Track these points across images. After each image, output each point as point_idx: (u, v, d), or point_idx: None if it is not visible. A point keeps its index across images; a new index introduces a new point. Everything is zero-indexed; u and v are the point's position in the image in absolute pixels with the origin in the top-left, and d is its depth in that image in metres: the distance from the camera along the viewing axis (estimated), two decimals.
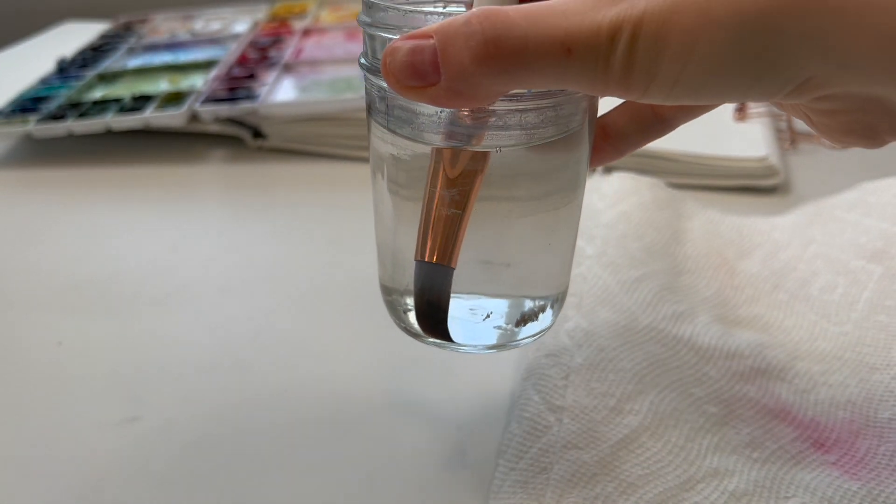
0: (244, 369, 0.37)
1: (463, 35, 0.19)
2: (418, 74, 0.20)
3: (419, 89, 0.20)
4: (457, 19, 0.20)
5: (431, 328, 0.27)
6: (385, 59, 0.21)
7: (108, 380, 0.37)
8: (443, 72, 0.20)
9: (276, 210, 0.52)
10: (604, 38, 0.19)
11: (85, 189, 0.56)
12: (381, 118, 0.26)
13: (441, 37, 0.20)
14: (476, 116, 0.24)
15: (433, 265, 0.26)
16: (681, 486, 0.29)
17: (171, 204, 0.54)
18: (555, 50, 0.19)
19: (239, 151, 0.60)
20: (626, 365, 0.34)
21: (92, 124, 0.59)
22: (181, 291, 0.44)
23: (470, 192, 0.25)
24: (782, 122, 0.59)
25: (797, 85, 0.19)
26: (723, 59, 0.19)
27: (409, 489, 0.31)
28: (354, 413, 0.35)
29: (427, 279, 0.26)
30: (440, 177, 0.25)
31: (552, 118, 0.25)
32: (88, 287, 0.44)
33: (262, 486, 0.31)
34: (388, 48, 0.21)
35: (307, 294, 0.43)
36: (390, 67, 0.21)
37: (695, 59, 0.19)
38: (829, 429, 0.32)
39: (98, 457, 0.33)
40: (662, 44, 0.19)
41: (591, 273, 0.39)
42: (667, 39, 0.19)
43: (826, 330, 0.37)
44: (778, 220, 0.46)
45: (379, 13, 0.23)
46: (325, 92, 0.61)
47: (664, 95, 0.20)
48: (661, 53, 0.19)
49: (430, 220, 0.25)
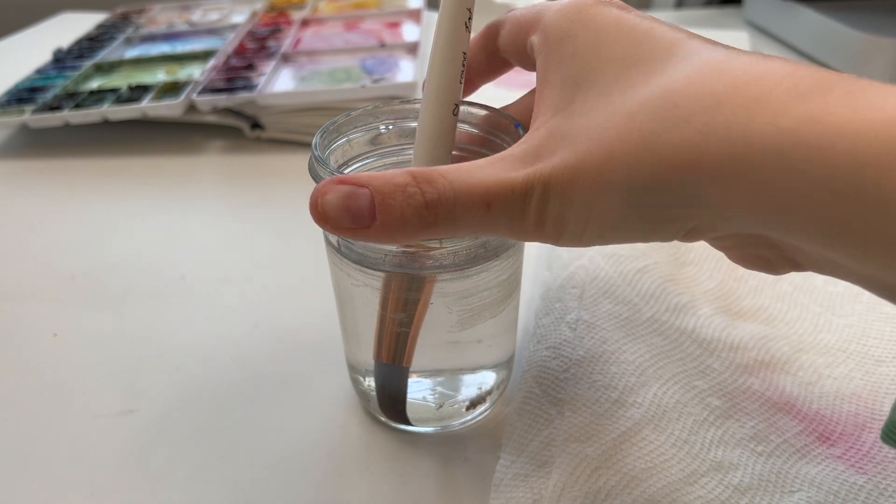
0: (242, 361, 0.37)
1: (402, 194, 0.22)
2: (353, 218, 0.22)
3: (352, 230, 0.23)
4: (395, 175, 0.22)
5: (393, 416, 0.32)
6: (316, 200, 0.23)
7: (104, 372, 0.37)
8: (379, 219, 0.22)
9: (274, 201, 0.52)
10: (518, 195, 0.22)
11: (81, 180, 0.55)
12: (334, 248, 0.29)
13: (379, 191, 0.22)
14: (415, 258, 0.27)
15: (390, 365, 0.29)
16: (684, 479, 0.29)
17: (168, 195, 0.53)
18: (478, 206, 0.22)
19: (236, 142, 0.60)
20: (629, 357, 0.34)
21: (88, 114, 0.58)
22: (178, 283, 0.43)
23: (415, 314, 0.28)
24: None
25: (686, 232, 0.22)
26: (618, 214, 0.21)
27: (409, 482, 0.31)
28: (354, 405, 0.34)
29: (386, 377, 0.30)
30: (389, 303, 0.28)
31: (482, 253, 0.28)
32: (84, 278, 0.44)
33: (261, 478, 0.31)
34: (318, 189, 0.23)
35: (306, 285, 0.42)
36: (322, 208, 0.23)
37: (596, 214, 0.22)
38: (835, 422, 0.32)
39: (94, 449, 0.33)
40: (568, 201, 0.22)
41: (593, 264, 0.38)
42: (571, 197, 0.22)
43: (830, 322, 0.37)
44: None
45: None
46: (323, 82, 0.60)
47: (575, 242, 0.23)
48: (568, 209, 0.22)
49: (382, 334, 0.29)
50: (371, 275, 0.28)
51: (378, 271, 0.28)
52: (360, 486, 0.30)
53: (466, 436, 0.33)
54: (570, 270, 0.38)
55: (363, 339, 0.31)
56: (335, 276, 0.31)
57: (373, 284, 0.28)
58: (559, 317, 0.36)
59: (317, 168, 0.27)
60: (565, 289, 0.38)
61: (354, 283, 0.29)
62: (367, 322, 0.30)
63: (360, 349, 0.32)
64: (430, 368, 0.31)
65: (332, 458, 0.32)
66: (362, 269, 0.28)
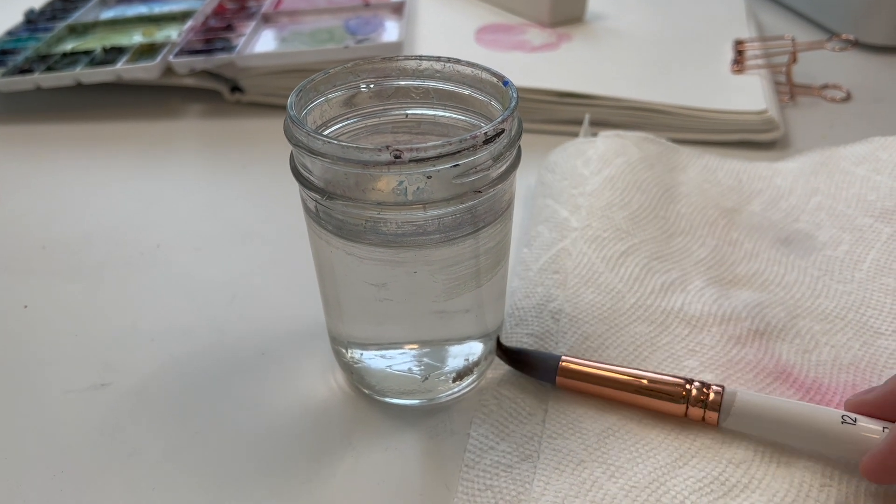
0: (220, 334, 0.36)
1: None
2: None
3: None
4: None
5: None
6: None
7: (75, 344, 0.35)
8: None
9: (254, 168, 0.50)
10: None
11: (54, 145, 0.53)
12: (312, 215, 0.28)
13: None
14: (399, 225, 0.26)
15: None
16: (672, 463, 0.28)
17: (145, 161, 0.51)
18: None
19: (216, 106, 0.58)
20: (612, 353, 0.32)
21: (60, 77, 0.56)
22: (154, 252, 0.42)
23: None
24: (781, 75, 0.57)
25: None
26: None
27: (392, 456, 0.29)
28: (337, 378, 0.33)
29: None
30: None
31: (468, 219, 0.27)
32: (56, 247, 0.42)
33: (239, 455, 0.30)
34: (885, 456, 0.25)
35: (286, 255, 0.41)
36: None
37: None
38: (832, 391, 0.31)
39: (64, 426, 0.31)
40: None
41: (576, 249, 0.37)
42: None
43: (829, 287, 0.36)
44: (781, 165, 0.44)
45: (319, 143, 0.25)
46: (305, 43, 0.58)
47: None
48: None
49: None
50: (351, 243, 0.27)
51: (357, 242, 0.27)
52: (343, 461, 0.29)
53: (453, 408, 0.31)
54: (552, 253, 0.37)
55: (345, 310, 0.30)
56: (314, 245, 0.29)
57: (354, 252, 0.27)
58: (541, 303, 0.34)
59: (293, 129, 0.26)
60: (546, 273, 0.36)
61: (334, 250, 0.27)
62: (348, 292, 0.29)
63: (342, 320, 0.30)
64: (415, 339, 0.30)
65: (314, 432, 0.31)
66: (342, 239, 0.27)
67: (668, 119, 0.51)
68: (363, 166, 0.24)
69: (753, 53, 0.57)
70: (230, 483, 0.29)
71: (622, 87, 0.52)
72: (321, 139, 0.25)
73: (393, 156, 0.24)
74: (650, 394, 0.29)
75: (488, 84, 0.29)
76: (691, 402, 0.29)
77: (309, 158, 0.26)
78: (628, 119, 0.51)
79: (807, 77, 0.58)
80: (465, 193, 0.26)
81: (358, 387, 0.32)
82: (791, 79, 0.57)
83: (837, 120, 0.54)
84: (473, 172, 0.25)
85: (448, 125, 0.30)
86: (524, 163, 0.28)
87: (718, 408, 0.28)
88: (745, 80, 0.55)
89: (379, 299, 0.28)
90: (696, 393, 0.29)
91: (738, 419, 0.28)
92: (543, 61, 0.58)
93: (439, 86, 0.30)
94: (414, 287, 0.28)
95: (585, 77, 0.54)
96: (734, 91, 0.53)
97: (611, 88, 0.52)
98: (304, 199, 0.28)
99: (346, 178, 0.25)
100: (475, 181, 0.26)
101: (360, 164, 0.24)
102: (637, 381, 0.30)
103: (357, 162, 0.24)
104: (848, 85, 0.58)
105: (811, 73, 0.59)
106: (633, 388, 0.30)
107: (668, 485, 0.27)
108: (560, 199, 0.40)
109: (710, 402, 0.29)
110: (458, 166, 0.25)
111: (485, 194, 0.26)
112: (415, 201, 0.25)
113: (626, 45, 0.60)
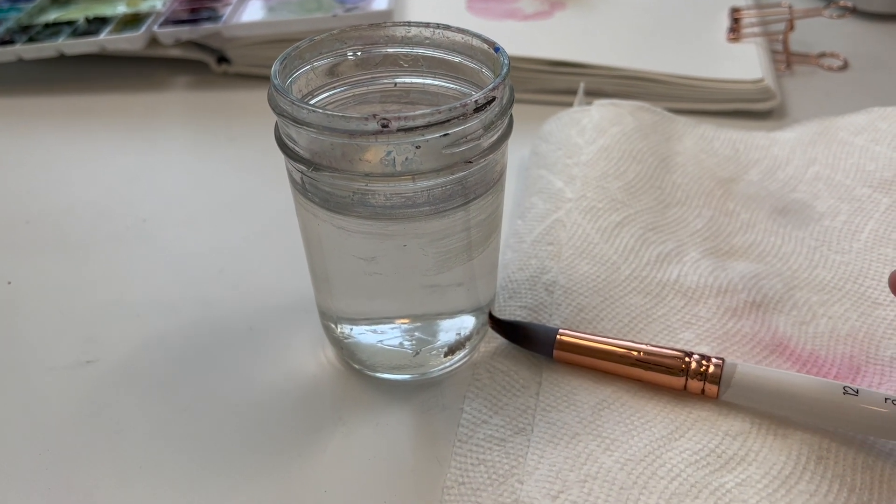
0: (207, 309, 0.35)
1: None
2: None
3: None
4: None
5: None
6: None
7: (60, 320, 0.35)
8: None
9: (242, 140, 0.49)
10: None
11: (37, 118, 0.52)
12: (298, 188, 0.27)
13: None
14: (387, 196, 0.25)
15: None
16: (668, 436, 0.27)
17: (130, 134, 0.50)
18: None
19: (202, 77, 0.57)
20: (607, 325, 0.32)
21: (43, 48, 0.55)
22: (141, 226, 0.41)
23: None
24: (777, 43, 0.56)
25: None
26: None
27: (383, 432, 0.29)
28: (327, 353, 0.32)
29: None
30: None
31: (459, 191, 0.26)
32: (41, 222, 0.42)
33: (227, 432, 0.29)
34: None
35: (275, 228, 0.40)
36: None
37: None
38: (829, 363, 0.30)
39: (49, 403, 0.31)
40: None
41: (570, 220, 0.36)
42: None
43: (826, 257, 0.35)
44: (778, 134, 0.44)
45: (304, 113, 0.24)
46: (293, 11, 0.57)
47: None
48: None
49: None
50: (339, 216, 0.26)
51: (345, 215, 0.26)
52: (333, 437, 0.29)
53: (444, 383, 0.31)
54: (547, 224, 0.36)
55: (334, 285, 0.29)
56: (301, 218, 0.28)
57: (342, 226, 0.26)
58: (535, 275, 0.34)
59: (277, 98, 0.25)
60: (540, 244, 0.35)
61: (322, 224, 0.27)
62: (336, 266, 0.28)
63: (331, 295, 0.30)
64: (406, 313, 0.30)
65: (303, 408, 0.30)
66: (330, 211, 0.26)
67: (664, 88, 0.50)
68: (349, 136, 0.23)
69: (749, 21, 0.56)
70: (218, 460, 0.28)
71: (617, 56, 0.51)
72: (306, 108, 0.24)
73: (380, 125, 0.23)
74: (649, 367, 0.29)
75: (479, 51, 0.28)
76: (691, 375, 0.28)
77: (294, 128, 0.25)
78: (623, 88, 0.50)
79: (804, 45, 0.58)
80: (456, 164, 0.25)
81: (348, 362, 0.32)
82: (788, 47, 0.56)
83: (835, 89, 0.53)
84: (464, 142, 0.25)
85: (438, 94, 0.29)
86: (517, 134, 0.28)
87: (718, 380, 0.28)
88: (741, 48, 0.54)
89: (368, 273, 0.27)
90: (695, 366, 0.28)
91: (739, 392, 0.28)
92: (536, 30, 0.57)
93: (429, 53, 0.29)
94: (404, 261, 0.27)
95: (579, 45, 0.53)
96: (730, 59, 0.52)
97: (605, 57, 0.51)
98: (290, 171, 0.27)
99: (333, 148, 0.24)
100: (465, 151, 0.25)
101: (347, 134, 0.23)
102: (637, 354, 0.29)
103: (343, 131, 0.23)
104: (845, 53, 0.57)
105: (808, 41, 0.58)
106: (632, 361, 0.29)
107: (664, 458, 0.27)
108: (554, 170, 0.39)
109: (709, 375, 0.28)
110: (448, 136, 0.24)
111: (475, 165, 0.25)
112: (403, 172, 0.24)
113: (621, 13, 0.59)
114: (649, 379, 0.29)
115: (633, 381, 0.29)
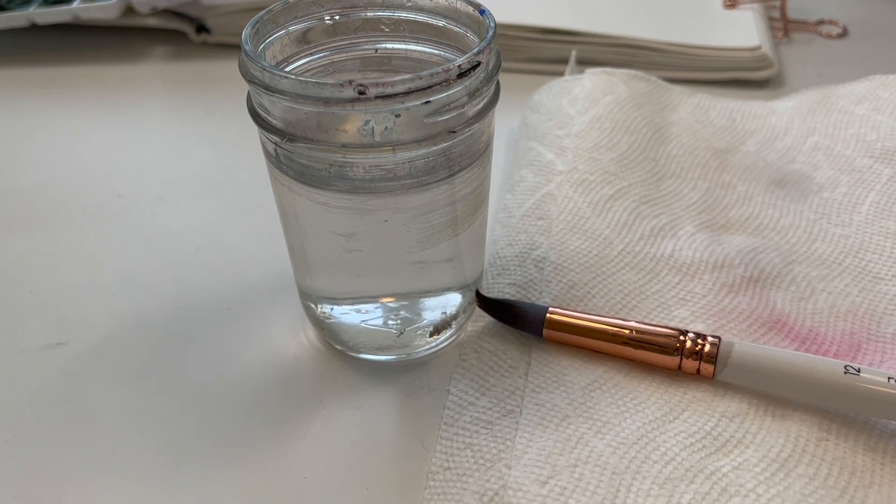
0: (183, 288, 0.34)
1: None
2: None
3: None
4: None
5: None
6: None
7: (29, 300, 0.34)
8: None
9: (221, 112, 0.47)
10: None
11: (8, 90, 0.51)
12: (273, 161, 0.26)
13: None
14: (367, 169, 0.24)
15: None
16: (662, 417, 0.26)
17: (106, 106, 0.49)
18: None
19: (181, 48, 0.55)
20: (599, 303, 0.31)
21: (13, 17, 0.53)
22: (115, 202, 0.39)
23: None
24: (775, 10, 0.55)
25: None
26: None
27: (366, 415, 0.28)
28: (307, 334, 0.31)
29: None
30: None
31: (442, 162, 0.25)
32: (11, 197, 0.40)
33: (204, 416, 0.28)
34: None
35: (253, 205, 0.38)
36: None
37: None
38: (829, 341, 0.29)
39: (17, 388, 0.30)
40: None
41: (561, 193, 0.35)
42: None
43: (826, 231, 0.34)
44: (776, 104, 0.42)
45: (276, 80, 0.23)
46: None
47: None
48: None
49: None
50: (316, 189, 0.25)
51: (322, 188, 0.24)
52: (314, 421, 0.28)
53: (430, 364, 0.30)
54: (537, 198, 0.35)
55: (312, 263, 0.28)
56: (277, 192, 0.27)
57: (319, 200, 0.25)
58: (524, 251, 0.33)
59: (248, 65, 0.24)
60: (530, 219, 0.34)
61: (298, 198, 0.25)
62: (314, 243, 0.27)
63: (310, 273, 0.28)
64: (388, 292, 0.28)
65: (283, 391, 0.29)
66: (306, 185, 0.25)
67: (658, 56, 0.49)
68: (324, 104, 0.22)
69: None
70: (193, 447, 0.27)
71: (609, 23, 0.50)
72: (278, 75, 0.22)
73: (357, 92, 0.22)
74: (643, 346, 0.28)
75: (464, 14, 0.26)
76: (685, 354, 0.27)
77: (266, 97, 0.23)
78: (616, 57, 0.49)
79: (802, 12, 0.56)
80: (439, 134, 0.23)
81: (330, 343, 0.31)
82: (785, 14, 0.54)
83: (833, 57, 0.52)
84: (447, 110, 0.23)
85: (421, 60, 0.28)
86: (506, 104, 0.26)
87: (714, 360, 0.27)
88: (737, 15, 0.52)
89: (348, 250, 0.26)
90: (690, 344, 0.27)
91: (735, 371, 0.27)
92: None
93: (411, 17, 0.28)
94: (385, 237, 0.26)
95: (571, 12, 0.52)
96: (726, 27, 0.51)
97: (598, 24, 0.50)
98: (264, 143, 0.26)
99: (307, 118, 0.23)
100: (449, 120, 0.23)
101: (321, 102, 0.22)
102: (629, 332, 0.28)
103: (317, 99, 0.22)
104: (844, 20, 0.56)
105: (806, 7, 0.57)
106: (625, 340, 0.28)
107: (658, 440, 0.25)
108: (545, 141, 0.38)
109: (705, 354, 0.27)
110: (430, 103, 0.23)
111: (460, 135, 0.24)
112: (383, 143, 0.23)
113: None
114: (642, 358, 0.28)
115: (625, 361, 0.28)
